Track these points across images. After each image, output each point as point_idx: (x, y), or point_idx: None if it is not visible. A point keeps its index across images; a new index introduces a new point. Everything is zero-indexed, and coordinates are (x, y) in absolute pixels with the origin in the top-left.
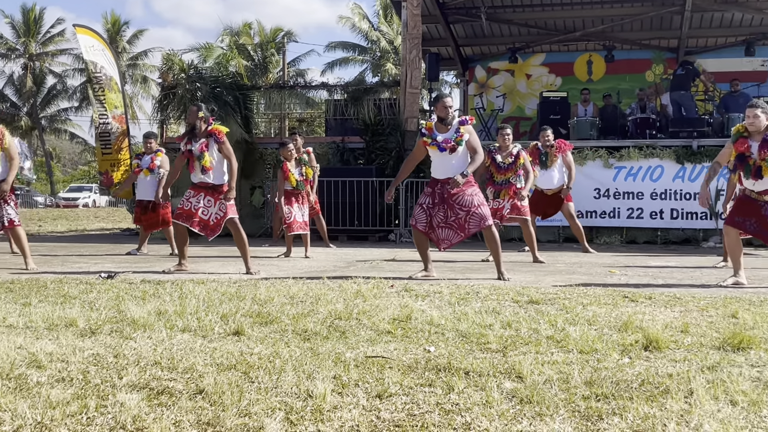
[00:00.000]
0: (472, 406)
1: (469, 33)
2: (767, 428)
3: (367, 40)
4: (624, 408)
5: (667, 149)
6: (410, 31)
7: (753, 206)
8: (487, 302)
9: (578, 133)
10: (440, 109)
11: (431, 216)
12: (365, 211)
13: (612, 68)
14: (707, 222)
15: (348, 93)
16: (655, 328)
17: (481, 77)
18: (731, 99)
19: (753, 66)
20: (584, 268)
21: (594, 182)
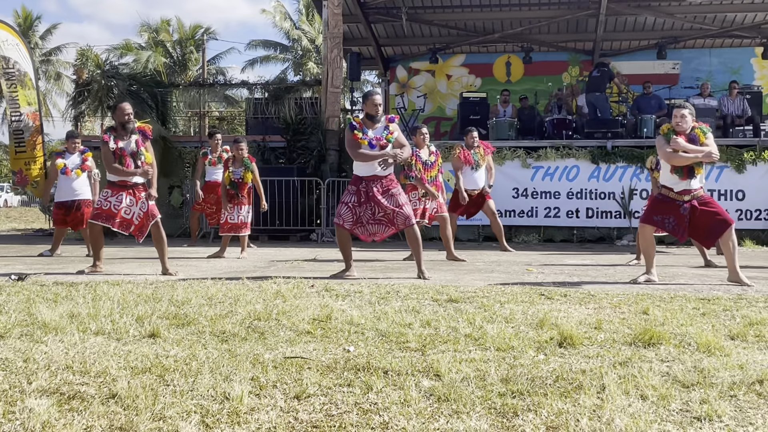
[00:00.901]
0: (390, 405)
1: (390, 33)
2: (676, 422)
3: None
4: (539, 404)
5: (583, 149)
6: (331, 30)
7: (671, 205)
8: (407, 301)
9: (497, 134)
10: (369, 106)
11: (358, 214)
12: (286, 210)
13: (530, 70)
14: (621, 221)
15: (269, 91)
16: (569, 325)
17: (402, 77)
18: (644, 101)
19: (665, 69)
20: (503, 266)
21: (512, 182)
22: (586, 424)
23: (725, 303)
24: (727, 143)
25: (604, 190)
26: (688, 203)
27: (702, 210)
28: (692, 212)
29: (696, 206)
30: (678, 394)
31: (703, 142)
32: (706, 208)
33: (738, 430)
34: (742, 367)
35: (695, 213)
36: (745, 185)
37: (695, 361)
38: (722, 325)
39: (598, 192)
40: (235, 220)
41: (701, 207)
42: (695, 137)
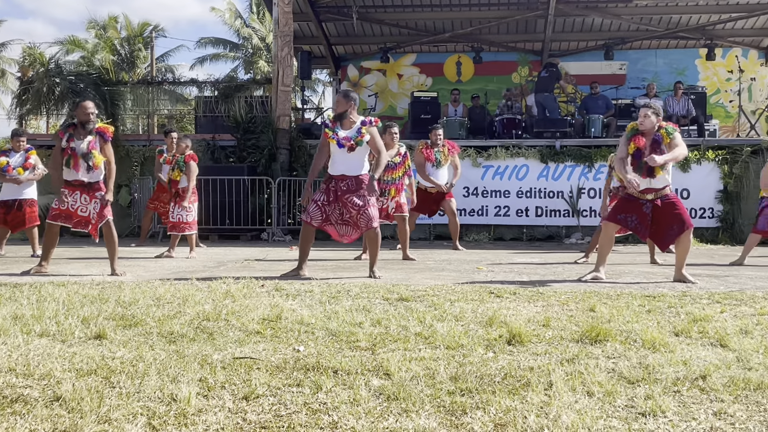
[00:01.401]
0: (340, 404)
1: (341, 32)
2: (621, 417)
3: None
4: (487, 402)
5: (532, 149)
6: (281, 28)
7: (635, 204)
8: (357, 300)
9: (448, 133)
10: (341, 106)
11: (327, 213)
12: (237, 209)
13: (480, 69)
14: (569, 219)
15: (219, 90)
16: (518, 323)
17: (353, 76)
18: (591, 101)
19: (612, 69)
20: (453, 265)
21: (463, 181)
22: (533, 420)
23: (670, 300)
24: None
25: (552, 189)
26: (650, 202)
27: (664, 210)
28: (654, 211)
29: (658, 205)
30: (623, 390)
31: (668, 143)
32: (668, 209)
33: (681, 425)
34: (685, 363)
35: (657, 212)
36: (690, 184)
37: (640, 357)
38: (667, 321)
39: (547, 191)
40: (175, 219)
41: (664, 207)
42: (659, 138)
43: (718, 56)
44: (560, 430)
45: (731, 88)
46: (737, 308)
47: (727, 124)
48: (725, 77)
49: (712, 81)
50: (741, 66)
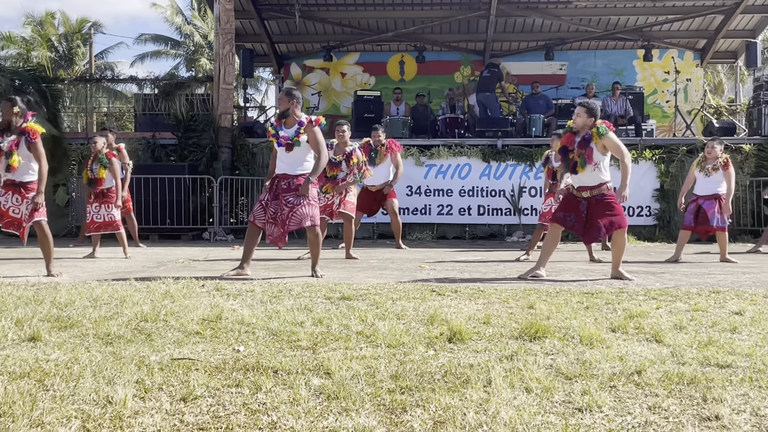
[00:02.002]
0: (279, 404)
1: (284, 30)
2: (559, 413)
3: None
4: (427, 399)
5: (474, 148)
6: (223, 26)
7: (573, 202)
8: (299, 300)
9: (391, 132)
10: (283, 104)
11: (267, 212)
12: (177, 209)
13: (423, 69)
14: (511, 217)
15: (159, 87)
16: (459, 321)
17: (296, 74)
18: (532, 100)
19: (552, 69)
20: (396, 263)
21: (406, 180)
22: (472, 417)
23: (607, 297)
24: None
25: (494, 187)
26: (586, 200)
27: (598, 208)
28: (589, 208)
29: (593, 203)
30: (561, 385)
31: (597, 141)
32: (602, 208)
33: (617, 420)
34: (621, 358)
35: (591, 209)
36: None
37: (578, 353)
38: (604, 318)
39: (489, 190)
40: (103, 219)
41: (598, 205)
42: (589, 136)
43: (655, 57)
44: (499, 426)
45: (668, 89)
46: (672, 304)
47: (663, 124)
48: (662, 78)
49: (650, 82)
50: (677, 67)
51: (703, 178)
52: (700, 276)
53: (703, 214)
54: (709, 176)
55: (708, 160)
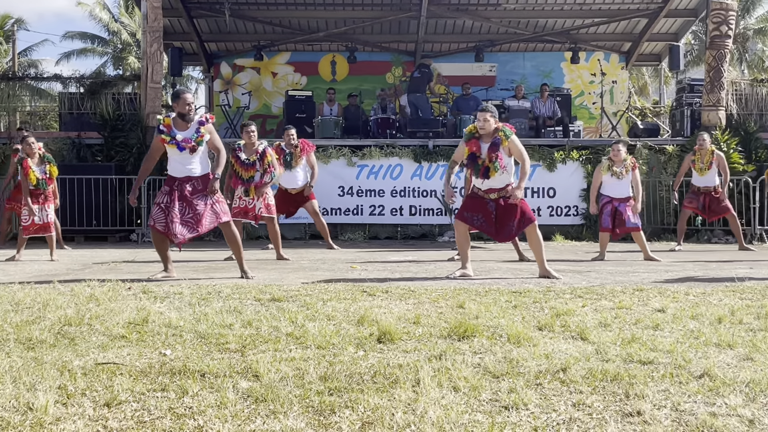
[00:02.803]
0: (206, 408)
1: (214, 29)
2: (485, 411)
3: (108, 32)
4: (356, 400)
5: (406, 148)
6: (150, 24)
7: (480, 203)
8: (228, 302)
9: (323, 132)
10: (181, 105)
11: (168, 214)
12: (104, 210)
13: (355, 69)
14: (442, 218)
15: (84, 86)
16: (389, 321)
17: (226, 74)
18: (463, 101)
19: (482, 71)
20: (327, 264)
21: (338, 180)
22: (400, 417)
23: (535, 295)
24: (539, 143)
25: (426, 188)
26: (494, 201)
27: (506, 208)
28: (498, 209)
29: (501, 204)
30: (488, 384)
31: (506, 145)
32: (510, 207)
33: (542, 417)
34: (548, 356)
35: (500, 210)
36: (556, 183)
37: (506, 351)
38: (532, 316)
39: (421, 190)
40: (43, 221)
41: (506, 205)
42: (498, 140)
43: (582, 60)
44: (426, 426)
45: (594, 91)
46: (597, 302)
47: (590, 125)
48: (589, 80)
49: (577, 83)
50: (603, 69)
51: (615, 181)
52: (625, 274)
53: (619, 216)
54: (621, 179)
55: (616, 163)
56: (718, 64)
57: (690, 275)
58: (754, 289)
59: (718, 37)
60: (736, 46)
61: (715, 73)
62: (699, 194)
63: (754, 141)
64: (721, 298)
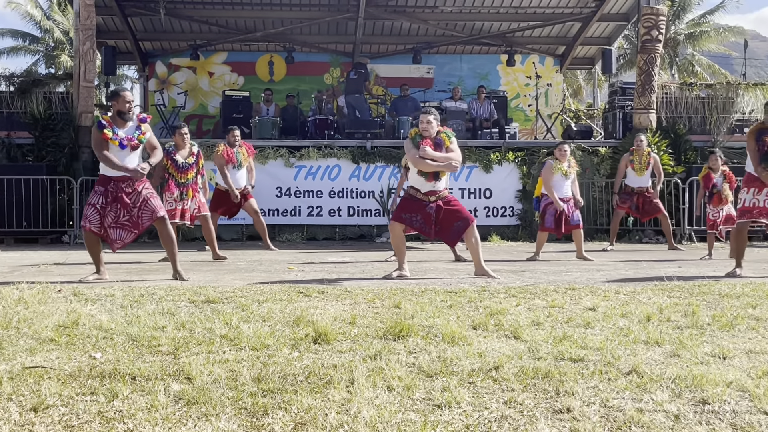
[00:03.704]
0: (136, 411)
1: (149, 27)
2: (419, 410)
3: (40, 29)
4: (289, 401)
5: (344, 149)
6: (83, 22)
7: (418, 204)
8: (162, 304)
9: (260, 133)
10: (121, 103)
11: (104, 216)
12: (35, 211)
13: (293, 70)
14: (381, 218)
15: (15, 84)
16: (325, 322)
17: (162, 73)
18: (401, 103)
19: (420, 73)
20: (264, 265)
21: (276, 181)
22: (333, 417)
23: (470, 295)
24: (475, 144)
25: (364, 189)
26: (434, 203)
27: (446, 210)
28: (437, 212)
29: (441, 206)
30: (422, 383)
31: (448, 146)
32: (449, 208)
33: (474, 415)
34: (481, 355)
35: (440, 213)
36: (492, 184)
37: (440, 351)
38: (466, 315)
39: (359, 191)
40: None
41: (445, 207)
42: (441, 141)
43: (518, 62)
44: (359, 425)
45: (530, 93)
46: (531, 301)
47: (526, 127)
48: (524, 82)
49: (513, 86)
50: (538, 72)
51: (562, 181)
52: (558, 274)
53: (565, 216)
54: (567, 178)
55: (562, 162)
56: (649, 68)
57: (621, 274)
58: (682, 287)
59: (649, 41)
60: (666, 51)
61: (646, 76)
62: (633, 195)
63: (683, 143)
64: (650, 297)
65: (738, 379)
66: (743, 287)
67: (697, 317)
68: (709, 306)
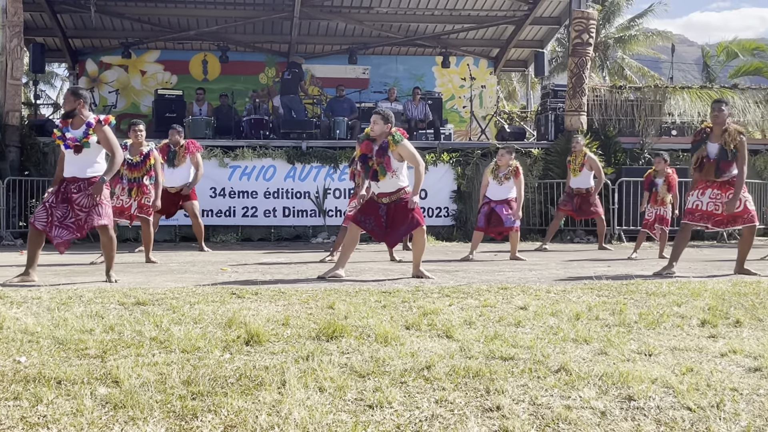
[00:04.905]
0: (61, 416)
1: (79, 24)
2: (350, 410)
3: None
4: (219, 404)
5: (279, 149)
6: (10, 18)
7: (373, 206)
8: (90, 306)
9: (193, 132)
10: (68, 103)
11: (51, 214)
12: None
13: (227, 69)
14: (316, 219)
15: None
16: (257, 323)
17: (92, 71)
18: (337, 103)
19: (356, 73)
20: (197, 266)
21: (210, 181)
22: (264, 419)
23: (404, 295)
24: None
25: (299, 189)
26: (386, 205)
27: (397, 212)
28: (388, 213)
29: (392, 208)
30: (354, 384)
31: (393, 149)
32: (401, 211)
33: (405, 414)
34: (413, 354)
35: (391, 214)
36: (427, 185)
37: (373, 351)
38: (400, 316)
39: (294, 191)
40: None
41: (397, 209)
42: (386, 144)
43: (453, 64)
44: (290, 427)
45: (464, 95)
46: (464, 301)
47: (460, 129)
48: (459, 84)
49: (448, 87)
50: (472, 74)
51: (496, 185)
52: (491, 273)
53: (496, 217)
54: (502, 184)
55: (500, 168)
56: (579, 71)
57: (552, 274)
58: (610, 286)
59: (579, 44)
60: (597, 54)
61: (577, 79)
62: (573, 196)
63: (613, 145)
64: (580, 296)
65: (663, 376)
66: (669, 286)
67: (624, 315)
68: (637, 304)
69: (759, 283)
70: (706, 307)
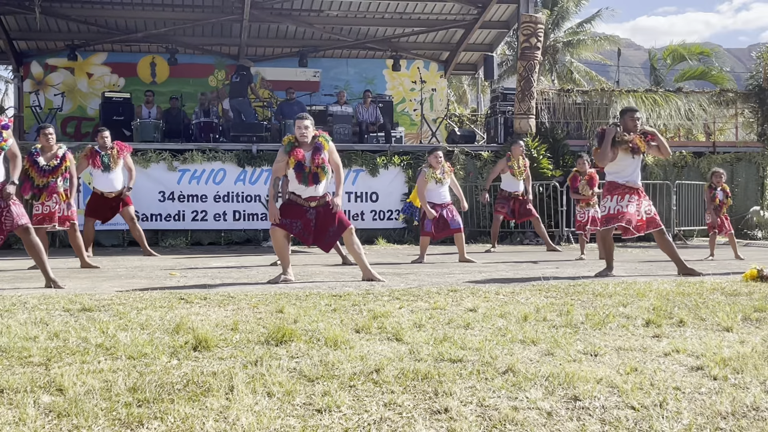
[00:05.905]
0: (3, 425)
1: (23, 26)
2: (299, 415)
3: None
4: (165, 411)
5: (229, 153)
6: None
7: (299, 210)
8: (34, 313)
9: (142, 135)
10: None
11: None
12: None
13: (176, 71)
14: (266, 223)
15: None
16: (205, 328)
17: (37, 74)
18: (287, 106)
19: (306, 76)
20: (145, 271)
21: (158, 185)
22: (211, 426)
23: (355, 298)
24: (361, 148)
25: (250, 192)
26: (314, 209)
27: (325, 215)
28: (317, 217)
29: (320, 212)
30: (303, 388)
31: (327, 148)
32: (328, 214)
33: (354, 418)
34: (363, 358)
35: (319, 218)
36: (378, 188)
37: (322, 355)
38: (350, 319)
39: (245, 195)
40: None
41: (325, 212)
42: (320, 146)
43: (403, 67)
44: None
45: (415, 98)
46: (414, 303)
47: (411, 132)
48: (410, 87)
49: (398, 90)
50: (423, 77)
51: (437, 187)
52: (442, 276)
53: (443, 221)
54: (443, 185)
55: (437, 169)
56: (528, 75)
57: (501, 275)
58: (558, 287)
59: (528, 48)
60: (546, 58)
61: (525, 83)
62: (509, 199)
63: (561, 147)
64: (528, 297)
65: (608, 376)
66: (615, 287)
67: (571, 316)
68: (583, 305)
69: (702, 283)
70: (651, 307)
